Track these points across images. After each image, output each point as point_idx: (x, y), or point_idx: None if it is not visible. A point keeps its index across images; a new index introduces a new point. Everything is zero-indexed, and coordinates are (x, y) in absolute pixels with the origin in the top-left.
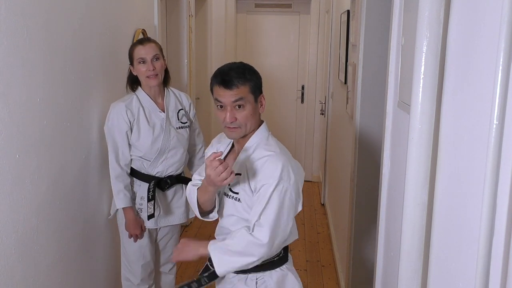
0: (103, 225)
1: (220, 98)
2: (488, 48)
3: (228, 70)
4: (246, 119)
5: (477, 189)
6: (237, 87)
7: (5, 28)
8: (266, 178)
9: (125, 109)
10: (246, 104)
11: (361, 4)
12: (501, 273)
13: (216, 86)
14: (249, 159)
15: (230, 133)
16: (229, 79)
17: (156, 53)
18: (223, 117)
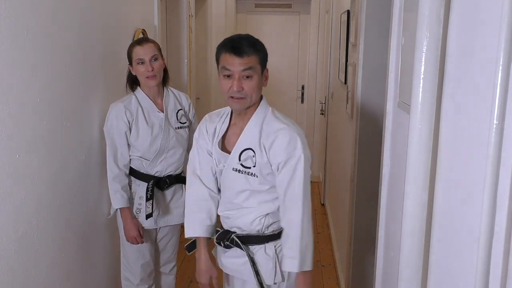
0: (103, 225)
1: (228, 66)
2: (488, 48)
3: (238, 39)
4: (252, 90)
5: (477, 189)
6: (248, 55)
7: (5, 28)
8: (289, 152)
9: (124, 110)
10: (254, 75)
11: (361, 4)
12: (501, 273)
13: (226, 53)
14: (262, 133)
15: (234, 104)
16: (240, 47)
17: (154, 53)
18: (228, 86)
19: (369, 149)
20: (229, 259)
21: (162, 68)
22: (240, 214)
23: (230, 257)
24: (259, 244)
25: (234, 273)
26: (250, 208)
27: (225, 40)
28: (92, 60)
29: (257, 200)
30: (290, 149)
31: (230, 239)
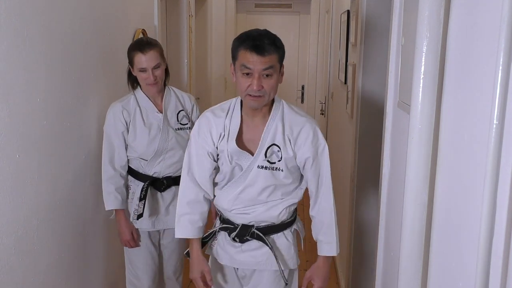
0: (103, 225)
1: (249, 64)
2: (488, 48)
3: (259, 36)
4: (271, 89)
5: (477, 189)
6: (270, 54)
7: (5, 28)
8: (315, 145)
9: (121, 110)
10: (274, 73)
11: (361, 4)
12: (501, 273)
13: (246, 51)
14: (285, 126)
15: (253, 102)
16: (262, 45)
17: (157, 62)
18: (247, 84)
19: (369, 149)
20: (247, 253)
21: (164, 73)
22: (267, 208)
23: (248, 251)
24: (279, 232)
25: (255, 266)
26: (275, 201)
27: (243, 36)
28: (92, 60)
29: (281, 193)
30: (315, 142)
31: (250, 233)
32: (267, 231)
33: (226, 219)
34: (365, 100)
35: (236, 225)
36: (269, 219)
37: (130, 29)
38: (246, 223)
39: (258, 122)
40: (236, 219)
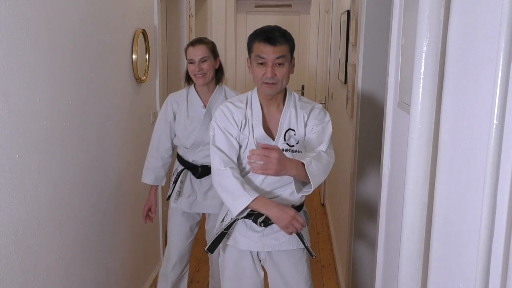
0: (104, 225)
1: (263, 54)
2: (488, 48)
3: (271, 29)
4: (284, 76)
5: (477, 189)
6: (281, 44)
7: (5, 28)
8: (321, 119)
9: (172, 101)
10: (285, 62)
11: (361, 4)
12: (501, 273)
13: (259, 43)
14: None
15: (267, 89)
16: (274, 37)
17: (204, 55)
18: (262, 73)
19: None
20: (269, 236)
21: (212, 67)
22: (292, 191)
23: (270, 234)
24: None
25: (278, 247)
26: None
27: (257, 31)
28: (92, 60)
29: None
30: (321, 117)
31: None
32: None
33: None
34: (365, 100)
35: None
36: (292, 201)
37: (130, 29)
38: None
39: (273, 111)
40: None
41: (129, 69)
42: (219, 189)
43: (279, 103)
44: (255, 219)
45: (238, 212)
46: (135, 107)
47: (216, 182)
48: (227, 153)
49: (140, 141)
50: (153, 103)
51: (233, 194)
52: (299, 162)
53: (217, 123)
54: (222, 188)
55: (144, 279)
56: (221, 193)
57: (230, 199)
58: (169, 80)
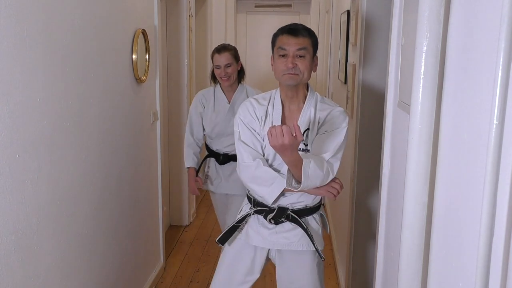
0: (103, 225)
1: (285, 46)
2: (488, 48)
3: (294, 24)
4: (305, 68)
5: (477, 189)
6: (303, 36)
7: (5, 28)
8: (338, 123)
9: (202, 96)
10: (306, 55)
11: (361, 4)
12: (501, 273)
13: (283, 35)
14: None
15: (289, 79)
16: (297, 29)
17: (228, 62)
18: (284, 64)
19: (369, 149)
20: (280, 234)
21: (236, 70)
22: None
23: (281, 233)
24: (310, 215)
25: (288, 246)
26: None
27: (281, 27)
28: (92, 60)
29: None
30: (339, 122)
31: (286, 215)
32: (301, 214)
33: (260, 203)
34: (365, 100)
35: (273, 207)
36: (305, 201)
37: (130, 29)
38: (283, 205)
39: (294, 109)
40: (274, 202)
41: (129, 69)
42: (251, 181)
43: (300, 101)
44: (266, 215)
45: (276, 197)
46: (135, 107)
47: (247, 175)
48: (253, 147)
49: (140, 141)
50: (153, 103)
51: (268, 181)
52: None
53: (241, 118)
54: (255, 179)
55: (144, 279)
56: (254, 185)
57: (265, 187)
58: (169, 80)
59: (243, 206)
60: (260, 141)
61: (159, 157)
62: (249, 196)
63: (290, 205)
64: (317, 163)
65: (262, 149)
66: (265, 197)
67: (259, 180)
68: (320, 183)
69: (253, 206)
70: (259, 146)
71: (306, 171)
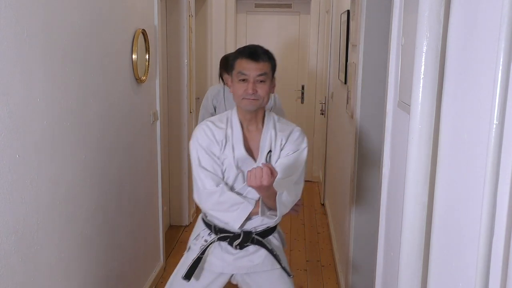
0: (103, 225)
1: (245, 71)
2: (488, 48)
3: (254, 47)
4: (265, 93)
5: (477, 189)
6: (263, 61)
7: (5, 28)
8: (297, 145)
9: (212, 96)
10: (267, 80)
11: (361, 4)
12: (501, 273)
13: (242, 59)
14: (278, 132)
15: (249, 105)
16: (257, 54)
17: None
18: (243, 89)
19: (369, 149)
20: (245, 258)
21: None
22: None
23: (245, 256)
24: (271, 235)
25: (253, 269)
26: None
27: (240, 49)
28: (92, 60)
29: None
30: (299, 142)
31: (251, 239)
32: (264, 235)
33: (221, 229)
34: (365, 100)
35: (236, 233)
36: (268, 223)
37: (130, 29)
38: (247, 229)
39: (253, 131)
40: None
41: (129, 69)
42: (215, 208)
43: (258, 123)
44: (231, 241)
45: (242, 222)
46: (135, 107)
47: (211, 202)
48: (214, 172)
49: (140, 141)
50: (153, 103)
51: (233, 206)
52: (275, 191)
53: (199, 142)
54: (220, 205)
55: (144, 279)
56: (219, 212)
57: (230, 213)
58: (169, 80)
59: (200, 232)
60: (220, 165)
61: (159, 157)
62: (207, 222)
63: (253, 229)
64: (289, 190)
65: (222, 172)
66: (231, 223)
67: (224, 206)
68: (290, 207)
69: (215, 233)
70: (219, 170)
71: (280, 201)
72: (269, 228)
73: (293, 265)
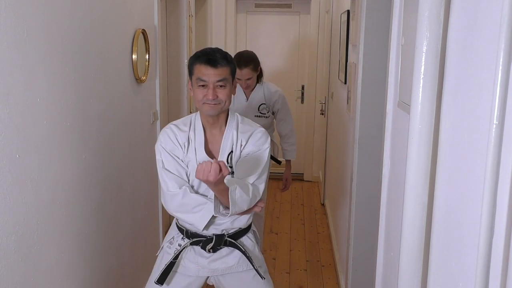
0: (103, 225)
1: (204, 77)
2: (488, 48)
3: (212, 52)
4: (226, 97)
5: (477, 189)
6: (222, 66)
7: (5, 28)
8: (260, 145)
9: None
10: (227, 84)
11: (361, 4)
12: (501, 273)
13: (200, 65)
14: (239, 134)
15: (210, 109)
16: (215, 59)
17: (249, 77)
18: (203, 94)
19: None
20: (219, 260)
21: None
22: (234, 218)
23: (219, 259)
24: (244, 235)
25: (228, 270)
26: None
27: (198, 53)
28: (92, 60)
29: None
30: (261, 143)
31: (224, 241)
32: (237, 236)
33: (194, 233)
34: (365, 100)
35: (209, 236)
36: (239, 225)
37: (130, 29)
38: (219, 233)
39: (216, 133)
40: (209, 231)
41: (129, 69)
42: (179, 210)
43: (221, 125)
44: (204, 245)
45: (206, 222)
46: (135, 107)
47: (174, 204)
48: (178, 174)
49: (140, 141)
50: (153, 103)
51: (196, 207)
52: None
53: (162, 146)
54: (183, 207)
55: (144, 279)
56: (182, 214)
57: (194, 214)
58: (169, 80)
59: (174, 236)
60: (185, 167)
61: None
62: (180, 227)
63: (225, 231)
64: (243, 188)
65: (187, 175)
66: (196, 224)
67: (187, 207)
68: (247, 207)
69: (187, 237)
70: (183, 173)
71: (233, 198)
72: (242, 229)
73: (293, 265)
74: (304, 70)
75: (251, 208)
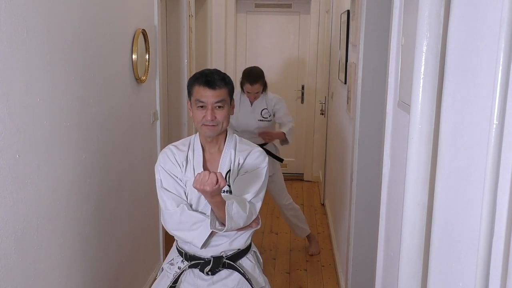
0: (103, 225)
1: (202, 98)
2: (488, 48)
3: (210, 73)
4: (224, 118)
5: (477, 189)
6: (220, 87)
7: (5, 28)
8: (258, 164)
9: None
10: (225, 105)
11: (361, 4)
12: (501, 273)
13: (199, 86)
14: (237, 153)
15: (208, 131)
16: (213, 81)
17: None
18: (202, 116)
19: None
20: (219, 283)
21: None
22: (236, 236)
23: (219, 281)
24: (243, 257)
25: None
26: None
27: (197, 74)
28: (92, 60)
29: None
30: (258, 162)
31: (222, 263)
32: (235, 258)
33: (192, 256)
34: (365, 100)
35: (207, 259)
36: (238, 246)
37: (130, 29)
38: (217, 255)
39: (214, 153)
40: (207, 253)
41: (129, 69)
42: (177, 228)
43: (220, 145)
44: (202, 268)
45: (204, 240)
46: (135, 107)
47: (172, 222)
48: (177, 193)
49: (140, 141)
50: (153, 103)
51: (194, 225)
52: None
53: (161, 165)
54: (181, 225)
55: (144, 279)
56: (180, 232)
57: (192, 231)
58: (169, 80)
59: (174, 258)
60: (183, 186)
61: None
62: (179, 249)
63: (223, 253)
64: (240, 204)
65: (186, 194)
66: (193, 242)
67: (185, 225)
68: (243, 224)
69: (186, 260)
70: (182, 192)
71: (229, 212)
72: (241, 250)
73: (293, 265)
74: (304, 70)
75: (247, 226)
